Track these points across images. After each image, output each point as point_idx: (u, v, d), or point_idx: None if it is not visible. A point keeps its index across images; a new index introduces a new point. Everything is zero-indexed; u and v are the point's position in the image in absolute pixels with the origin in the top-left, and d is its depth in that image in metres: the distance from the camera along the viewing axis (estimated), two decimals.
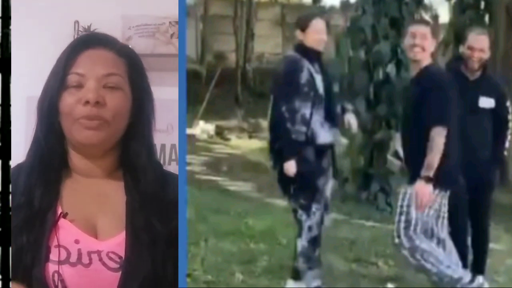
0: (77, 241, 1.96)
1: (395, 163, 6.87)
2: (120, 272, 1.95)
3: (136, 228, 2.00)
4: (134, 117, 2.08)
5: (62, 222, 1.98)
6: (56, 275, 1.92)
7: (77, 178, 2.08)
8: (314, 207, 3.51)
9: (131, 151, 2.09)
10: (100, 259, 1.95)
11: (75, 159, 2.08)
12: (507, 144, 3.77)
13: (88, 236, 1.98)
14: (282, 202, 4.24)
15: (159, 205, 2.05)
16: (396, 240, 3.25)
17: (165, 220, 2.03)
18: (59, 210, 2.00)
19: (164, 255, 1.99)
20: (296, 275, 3.60)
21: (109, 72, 2.03)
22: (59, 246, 1.94)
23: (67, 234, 1.97)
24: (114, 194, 2.06)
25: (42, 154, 2.05)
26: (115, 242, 1.98)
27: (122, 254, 1.96)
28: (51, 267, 1.92)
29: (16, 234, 1.96)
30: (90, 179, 2.07)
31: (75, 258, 1.94)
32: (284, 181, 3.52)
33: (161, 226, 2.02)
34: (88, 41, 2.10)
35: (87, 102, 1.98)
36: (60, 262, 1.93)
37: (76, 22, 3.63)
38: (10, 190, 2.08)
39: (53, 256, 1.93)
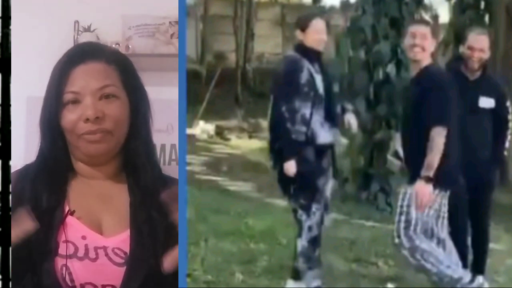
0: (84, 237, 2.05)
1: (395, 163, 6.87)
2: (125, 267, 2.03)
3: (139, 227, 2.08)
4: (132, 119, 2.16)
5: (69, 219, 2.07)
6: (64, 268, 2.00)
7: (83, 179, 2.17)
8: (314, 207, 3.51)
9: (130, 151, 2.16)
10: (106, 254, 2.04)
11: (80, 167, 2.17)
12: (507, 144, 3.76)
13: (94, 232, 2.07)
14: (282, 202, 4.23)
15: (159, 200, 2.09)
16: (396, 240, 3.25)
17: (165, 214, 2.08)
18: (67, 208, 2.08)
19: (165, 249, 2.04)
20: (296, 275, 3.60)
21: (102, 85, 2.10)
22: (67, 241, 2.03)
23: (75, 230, 2.06)
24: (118, 194, 2.15)
25: (47, 164, 2.14)
26: (120, 239, 2.07)
27: (127, 250, 2.05)
28: (60, 261, 2.01)
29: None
30: (94, 180, 2.17)
31: (82, 253, 2.03)
32: (284, 181, 3.52)
33: (161, 220, 2.08)
34: (76, 57, 2.14)
35: (87, 120, 2.06)
36: (68, 257, 2.01)
37: (76, 22, 3.63)
38: (14, 191, 2.13)
39: (62, 250, 2.02)
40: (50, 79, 2.14)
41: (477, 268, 3.60)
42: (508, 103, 3.75)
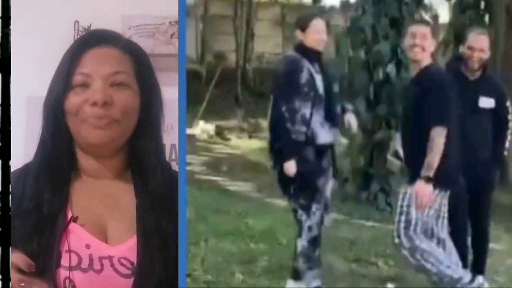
0: (88, 246, 1.93)
1: (395, 163, 6.87)
2: (133, 279, 1.91)
3: (147, 232, 1.95)
4: (143, 115, 2.04)
5: (72, 226, 1.94)
6: (67, 281, 1.88)
7: (86, 179, 2.04)
8: (314, 207, 3.51)
9: (139, 150, 2.04)
10: (112, 265, 1.92)
11: (83, 160, 2.04)
12: (507, 144, 3.77)
13: (99, 241, 1.95)
14: (282, 202, 4.24)
15: (168, 206, 2.02)
16: (396, 240, 3.25)
17: (175, 221, 2.00)
18: (69, 214, 1.95)
19: (175, 258, 1.96)
20: (296, 275, 3.60)
21: (115, 70, 1.99)
22: (70, 251, 1.90)
23: (78, 238, 1.93)
24: (123, 196, 2.03)
25: (49, 157, 2.01)
26: (127, 247, 1.95)
27: (134, 260, 1.93)
28: (63, 273, 1.89)
29: (26, 240, 1.92)
30: (99, 180, 2.04)
31: (86, 263, 1.91)
32: (284, 181, 3.52)
33: (171, 227, 1.98)
34: (92, 40, 2.04)
35: (94, 103, 1.94)
36: (71, 268, 1.89)
37: (76, 22, 3.62)
38: (14, 192, 2.02)
39: (64, 261, 1.90)
40: (61, 60, 2.03)
41: (477, 268, 3.60)
42: (508, 103, 3.75)
